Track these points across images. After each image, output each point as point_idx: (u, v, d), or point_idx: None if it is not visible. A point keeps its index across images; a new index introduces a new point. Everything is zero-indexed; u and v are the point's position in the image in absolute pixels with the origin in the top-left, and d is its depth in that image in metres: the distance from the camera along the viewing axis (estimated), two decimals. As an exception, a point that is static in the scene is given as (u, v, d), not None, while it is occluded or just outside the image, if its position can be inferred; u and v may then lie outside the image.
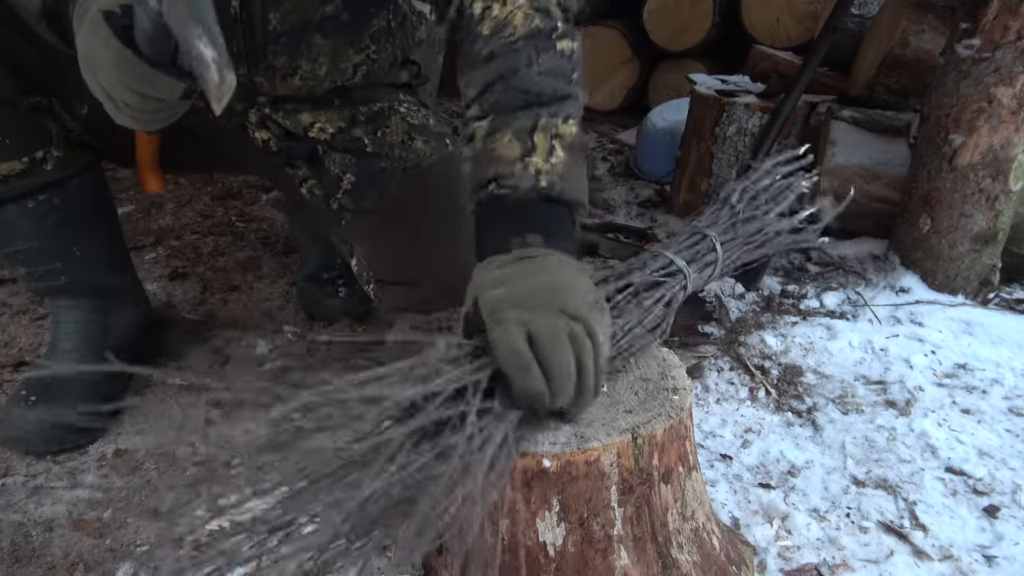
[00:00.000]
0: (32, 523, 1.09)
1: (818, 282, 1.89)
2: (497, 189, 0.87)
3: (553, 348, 0.73)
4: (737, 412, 1.40)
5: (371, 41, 1.21)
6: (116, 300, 1.34)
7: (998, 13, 1.62)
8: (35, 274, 1.24)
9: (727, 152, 2.22)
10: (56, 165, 1.16)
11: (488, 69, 0.91)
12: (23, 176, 1.13)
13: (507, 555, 0.86)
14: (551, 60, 0.91)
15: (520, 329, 0.74)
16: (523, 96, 0.89)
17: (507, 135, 0.88)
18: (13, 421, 1.20)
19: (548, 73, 0.90)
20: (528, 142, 0.87)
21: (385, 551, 1.04)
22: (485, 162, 0.89)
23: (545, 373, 0.73)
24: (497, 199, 0.87)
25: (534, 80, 0.89)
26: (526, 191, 0.86)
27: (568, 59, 0.93)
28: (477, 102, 0.92)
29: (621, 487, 0.83)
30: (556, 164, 0.87)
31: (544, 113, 0.89)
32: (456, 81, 1.00)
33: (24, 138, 1.12)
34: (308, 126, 1.24)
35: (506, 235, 0.85)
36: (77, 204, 1.22)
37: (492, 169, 0.88)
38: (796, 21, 3.00)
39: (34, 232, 1.19)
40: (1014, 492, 1.19)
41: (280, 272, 1.85)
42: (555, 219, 0.87)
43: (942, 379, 1.49)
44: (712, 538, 0.95)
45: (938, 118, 1.74)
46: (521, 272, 0.80)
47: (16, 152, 1.12)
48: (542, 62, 0.90)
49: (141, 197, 2.28)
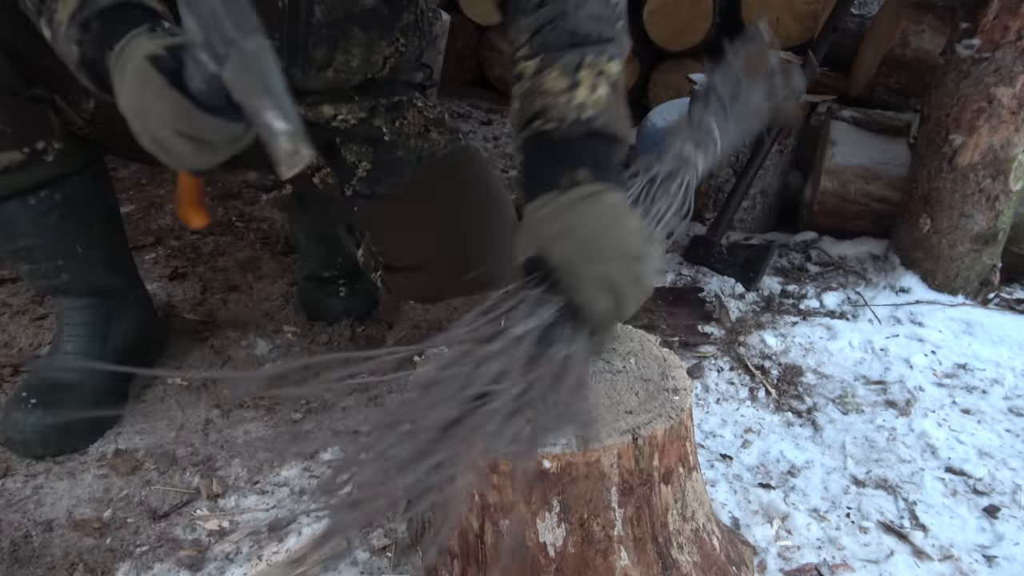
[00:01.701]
0: (32, 523, 1.09)
1: (818, 282, 1.89)
2: (543, 124, 0.92)
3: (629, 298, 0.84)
4: (737, 412, 1.40)
5: (400, 34, 1.25)
6: (118, 300, 1.34)
7: (998, 13, 1.62)
8: (37, 271, 1.24)
9: (727, 152, 2.22)
10: (57, 158, 1.16)
11: (539, 15, 0.97)
12: (24, 168, 1.13)
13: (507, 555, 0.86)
14: (597, 6, 0.97)
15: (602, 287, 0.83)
16: (570, 36, 0.94)
17: (555, 71, 0.93)
18: (13, 424, 1.20)
19: (594, 18, 0.96)
20: (574, 77, 0.92)
21: (385, 551, 1.05)
22: (532, 96, 0.94)
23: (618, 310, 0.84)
24: (542, 135, 0.92)
25: (581, 22, 0.95)
26: (571, 124, 0.91)
27: (613, 8, 0.99)
28: (527, 44, 0.97)
29: (621, 488, 0.83)
30: (599, 99, 0.92)
31: (590, 52, 0.94)
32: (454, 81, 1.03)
33: (25, 128, 1.12)
34: (331, 117, 1.27)
35: (555, 171, 0.89)
36: (79, 200, 1.22)
37: (539, 102, 0.93)
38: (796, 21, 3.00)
39: (36, 229, 1.19)
40: (1014, 492, 1.19)
41: (280, 272, 1.85)
42: (600, 152, 0.92)
43: (942, 379, 1.49)
44: (712, 538, 0.95)
45: (938, 118, 1.74)
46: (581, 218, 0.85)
47: (17, 142, 1.11)
48: (589, 7, 0.96)
49: (141, 197, 2.28)
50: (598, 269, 0.83)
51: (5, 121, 1.10)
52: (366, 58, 1.22)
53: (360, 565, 1.03)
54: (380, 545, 1.05)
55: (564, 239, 0.85)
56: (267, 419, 1.34)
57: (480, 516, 0.86)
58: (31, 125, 1.13)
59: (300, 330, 1.62)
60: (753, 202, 2.22)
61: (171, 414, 1.34)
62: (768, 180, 2.20)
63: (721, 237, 2.02)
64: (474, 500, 0.85)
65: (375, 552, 1.05)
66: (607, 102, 0.93)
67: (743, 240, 2.14)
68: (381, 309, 1.69)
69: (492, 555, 0.87)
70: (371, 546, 1.05)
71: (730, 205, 2.05)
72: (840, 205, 2.05)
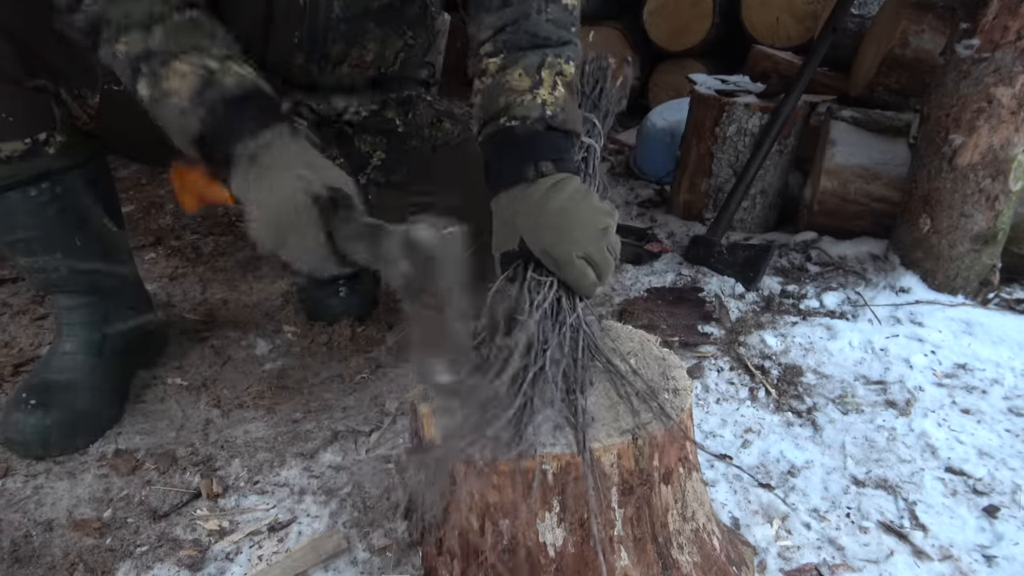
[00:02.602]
0: (32, 523, 1.09)
1: (818, 282, 1.89)
2: (508, 122, 1.01)
3: (605, 267, 0.96)
4: (737, 412, 1.40)
5: (408, 27, 1.27)
6: (117, 300, 1.34)
7: (998, 13, 1.62)
8: (35, 265, 1.24)
9: (727, 152, 2.22)
10: (59, 151, 1.16)
11: (502, 14, 1.06)
12: (25, 158, 1.13)
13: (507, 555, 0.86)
14: (557, 11, 1.07)
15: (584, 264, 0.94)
16: (532, 38, 1.05)
17: (518, 70, 1.03)
18: (13, 424, 1.20)
19: (554, 22, 1.06)
20: (536, 76, 1.02)
21: (385, 551, 1.05)
22: (496, 93, 1.03)
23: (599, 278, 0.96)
24: (508, 131, 1.01)
25: (542, 26, 1.05)
26: (534, 120, 1.00)
27: (570, 13, 1.09)
28: (491, 41, 1.07)
29: (621, 488, 0.83)
30: (559, 98, 1.02)
31: (550, 54, 1.04)
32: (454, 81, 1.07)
33: (27, 118, 1.12)
34: (342, 110, 1.31)
35: (521, 164, 0.99)
36: (79, 194, 1.22)
37: (503, 99, 1.02)
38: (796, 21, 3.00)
39: (35, 220, 1.19)
40: (1014, 492, 1.19)
41: (280, 272, 1.85)
42: (561, 146, 1.02)
43: (942, 379, 1.49)
44: (712, 539, 0.95)
45: (938, 118, 1.74)
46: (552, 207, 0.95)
47: (19, 132, 1.12)
48: (550, 11, 1.06)
49: (141, 197, 2.28)
50: (578, 249, 0.93)
51: (7, 110, 1.10)
52: (379, 52, 1.25)
53: (360, 565, 1.03)
54: (380, 545, 1.05)
55: (543, 229, 0.95)
56: (267, 419, 1.34)
57: (480, 516, 0.86)
58: (34, 115, 1.13)
59: (300, 330, 1.62)
60: (753, 202, 2.22)
61: (171, 414, 1.34)
62: (768, 180, 2.20)
63: (721, 237, 2.02)
64: (474, 500, 0.85)
65: (375, 552, 1.05)
66: (564, 100, 1.03)
67: (743, 240, 2.14)
68: (381, 309, 1.69)
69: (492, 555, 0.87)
70: (371, 546, 1.05)
71: (730, 205, 2.05)
72: (840, 205, 2.05)
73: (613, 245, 0.97)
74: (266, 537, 1.08)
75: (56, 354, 1.30)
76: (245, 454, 1.24)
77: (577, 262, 0.94)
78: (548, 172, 0.98)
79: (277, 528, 1.09)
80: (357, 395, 1.41)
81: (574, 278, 0.94)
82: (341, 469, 1.21)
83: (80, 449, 1.23)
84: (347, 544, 1.05)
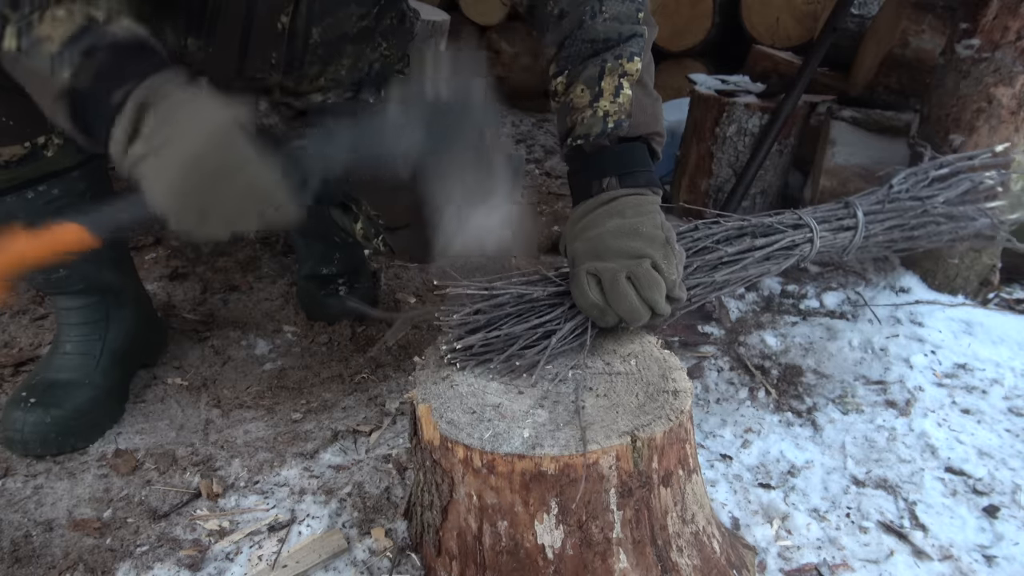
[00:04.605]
0: (32, 523, 1.09)
1: (818, 282, 1.89)
2: (574, 141, 1.01)
3: (613, 292, 0.92)
4: (737, 412, 1.40)
5: (382, 38, 1.27)
6: (117, 300, 1.34)
7: (998, 13, 1.62)
8: None
9: (727, 152, 2.22)
10: (57, 153, 1.15)
11: (559, 28, 1.04)
12: (24, 162, 1.13)
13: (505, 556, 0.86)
14: (614, 6, 1.03)
15: (590, 279, 0.93)
16: (590, 46, 1.02)
17: (579, 85, 1.01)
18: (13, 424, 1.20)
19: (612, 19, 1.02)
20: (596, 87, 1.00)
21: (385, 551, 1.05)
22: (564, 113, 1.03)
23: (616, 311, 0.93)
24: (577, 150, 1.02)
25: (598, 29, 1.02)
26: (597, 136, 1.00)
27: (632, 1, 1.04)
28: (555, 61, 1.05)
29: (620, 490, 0.83)
30: (623, 103, 1.00)
31: (609, 57, 1.01)
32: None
33: (27, 122, 1.12)
34: (319, 102, 1.30)
35: (588, 182, 1.01)
36: (77, 196, 1.22)
37: (569, 119, 1.02)
38: (796, 21, 2.99)
39: (33, 222, 1.18)
40: (1014, 492, 1.19)
41: (280, 272, 1.85)
42: (629, 156, 1.01)
43: (942, 379, 1.49)
44: (712, 541, 0.95)
45: (938, 118, 1.74)
46: (596, 221, 0.96)
47: (19, 136, 1.11)
48: (605, 10, 1.02)
49: (141, 197, 2.27)
50: (592, 265, 0.93)
51: (6, 114, 1.09)
52: (353, 66, 1.27)
53: (360, 565, 1.03)
54: (380, 546, 1.05)
55: (578, 239, 0.98)
56: (267, 419, 1.34)
57: (478, 517, 0.86)
58: (32, 119, 1.13)
59: (300, 330, 1.62)
60: (753, 202, 2.22)
61: (171, 414, 1.34)
62: (768, 180, 2.19)
63: (721, 237, 2.02)
64: (472, 501, 0.85)
65: (375, 552, 1.05)
66: (630, 102, 1.00)
67: (743, 240, 2.14)
68: (381, 309, 1.69)
69: (490, 556, 0.87)
70: (371, 546, 1.05)
71: (730, 205, 2.04)
72: (840, 205, 2.05)
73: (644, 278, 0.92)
74: (266, 537, 1.08)
75: (56, 354, 1.30)
76: (245, 454, 1.24)
77: (581, 276, 0.94)
78: (609, 188, 0.99)
79: (277, 528, 1.09)
80: (357, 395, 1.41)
81: (573, 291, 0.96)
82: (341, 469, 1.21)
83: (80, 449, 1.24)
84: (347, 544, 1.05)
